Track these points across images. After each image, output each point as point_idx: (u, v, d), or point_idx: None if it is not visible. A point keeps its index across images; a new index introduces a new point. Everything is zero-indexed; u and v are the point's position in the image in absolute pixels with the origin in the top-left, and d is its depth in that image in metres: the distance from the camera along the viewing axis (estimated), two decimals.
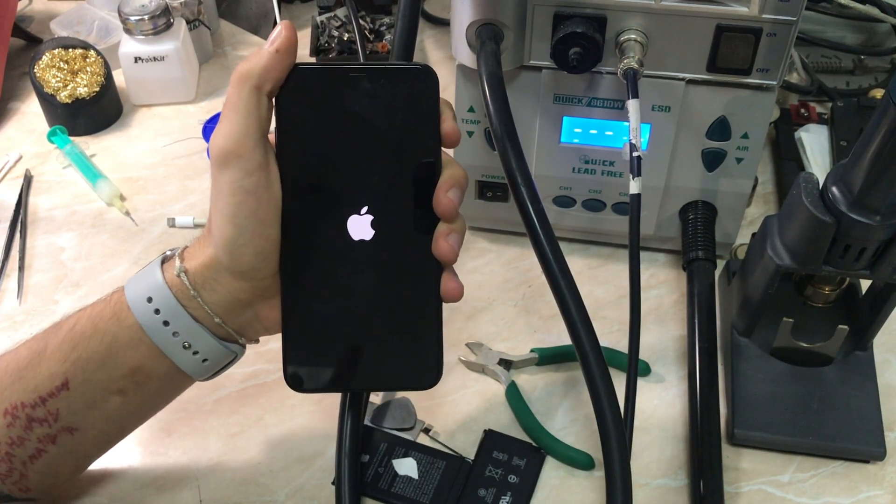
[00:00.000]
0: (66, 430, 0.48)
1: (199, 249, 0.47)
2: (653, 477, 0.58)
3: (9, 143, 0.84)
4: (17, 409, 0.47)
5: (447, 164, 0.46)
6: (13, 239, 0.74)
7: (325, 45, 0.90)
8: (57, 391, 0.47)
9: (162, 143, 0.83)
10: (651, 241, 0.72)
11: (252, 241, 0.45)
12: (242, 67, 0.44)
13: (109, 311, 0.47)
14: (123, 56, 0.83)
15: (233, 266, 0.46)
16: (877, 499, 0.57)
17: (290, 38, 0.44)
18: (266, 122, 0.45)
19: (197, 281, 0.46)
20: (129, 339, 0.47)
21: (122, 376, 0.47)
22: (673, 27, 0.58)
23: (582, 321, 0.49)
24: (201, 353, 0.47)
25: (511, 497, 0.57)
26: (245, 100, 0.43)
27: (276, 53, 0.44)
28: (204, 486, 0.58)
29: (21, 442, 0.48)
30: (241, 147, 0.43)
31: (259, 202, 0.44)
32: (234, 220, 0.44)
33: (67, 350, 0.47)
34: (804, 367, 0.61)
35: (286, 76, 0.45)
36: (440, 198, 0.46)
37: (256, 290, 0.47)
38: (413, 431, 0.60)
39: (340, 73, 0.45)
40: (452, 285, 0.47)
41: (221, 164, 0.44)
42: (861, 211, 0.51)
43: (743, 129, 0.64)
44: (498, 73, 0.55)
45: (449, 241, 0.46)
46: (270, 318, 0.48)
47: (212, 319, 0.47)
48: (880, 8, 0.89)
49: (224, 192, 0.44)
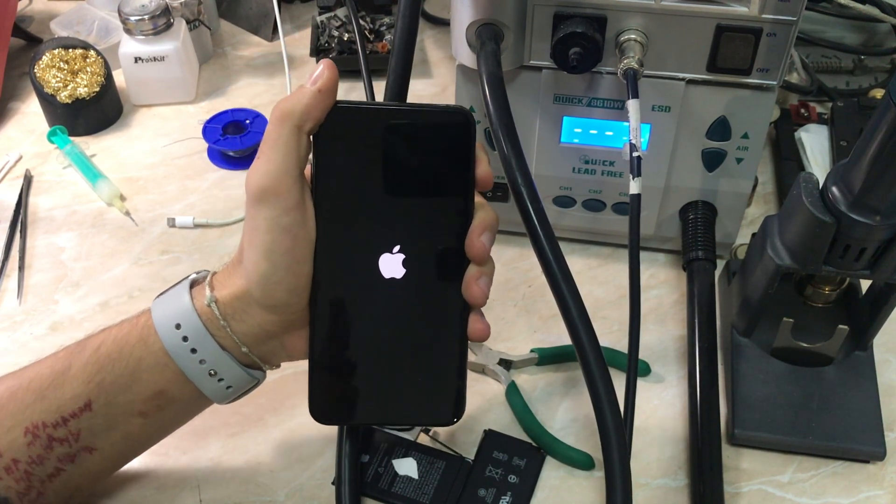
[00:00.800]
0: (85, 449, 0.48)
1: (230, 279, 0.47)
2: (653, 477, 0.58)
3: (9, 143, 0.84)
4: (38, 429, 0.47)
5: (479, 208, 0.47)
6: (13, 239, 0.74)
7: (325, 45, 0.90)
8: (79, 412, 0.47)
9: (162, 143, 0.83)
10: (651, 241, 0.72)
11: (286, 277, 0.45)
12: (284, 106, 0.44)
13: (136, 334, 0.47)
14: (123, 56, 0.83)
15: (264, 301, 0.46)
16: (877, 499, 0.57)
17: (333, 78, 0.44)
18: (304, 160, 0.45)
19: (227, 311, 0.47)
20: (154, 364, 0.47)
21: (144, 399, 0.48)
22: (673, 27, 0.58)
23: (582, 321, 0.49)
24: (226, 381, 0.48)
25: (511, 497, 0.57)
26: (285, 138, 0.43)
27: (319, 94, 0.44)
28: (204, 486, 0.58)
29: (41, 461, 0.48)
30: (279, 185, 0.43)
31: (295, 240, 0.45)
32: (269, 257, 0.44)
33: (92, 372, 0.47)
34: (804, 367, 0.61)
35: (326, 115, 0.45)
36: (473, 242, 0.46)
37: (285, 322, 0.47)
38: (413, 431, 0.60)
39: (380, 114, 0.46)
40: (480, 326, 0.48)
41: (259, 201, 0.44)
42: (861, 211, 0.51)
43: (743, 129, 0.64)
44: (498, 73, 0.55)
45: (480, 285, 0.47)
46: (295, 347, 0.49)
47: (239, 349, 0.47)
48: (880, 8, 0.89)
49: (261, 229, 0.44)
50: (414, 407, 0.50)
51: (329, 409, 0.49)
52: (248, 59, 0.94)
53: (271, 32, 0.95)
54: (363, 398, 0.49)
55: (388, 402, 0.49)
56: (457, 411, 0.49)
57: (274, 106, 0.44)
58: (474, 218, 0.47)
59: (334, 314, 0.47)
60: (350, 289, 0.47)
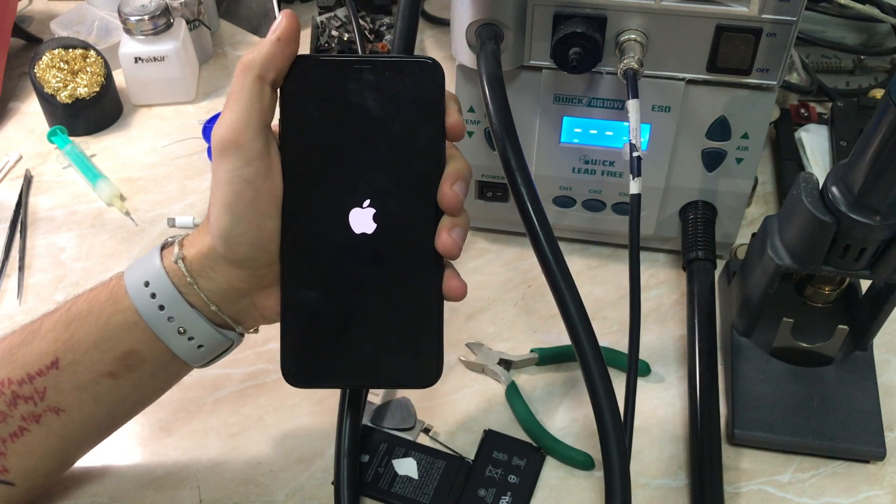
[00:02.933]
0: (51, 409, 0.47)
1: (199, 238, 0.47)
2: (653, 477, 0.58)
3: (9, 143, 0.84)
4: (2, 385, 0.47)
5: (452, 158, 0.46)
6: (13, 239, 0.74)
7: (325, 45, 0.90)
8: (46, 370, 0.47)
9: (162, 143, 0.83)
10: (651, 241, 0.72)
11: (249, 231, 0.45)
12: (245, 57, 0.44)
13: (106, 293, 0.47)
14: (123, 56, 0.83)
15: (229, 255, 0.46)
16: (877, 499, 0.57)
17: (292, 26, 0.44)
18: (268, 112, 0.44)
19: (194, 268, 0.46)
20: (123, 322, 0.47)
21: (114, 359, 0.47)
22: (673, 27, 0.58)
23: (581, 321, 0.49)
24: (196, 339, 0.47)
25: (511, 497, 0.57)
26: (248, 89, 0.43)
27: (278, 42, 0.44)
28: (204, 486, 0.58)
29: (3, 418, 0.47)
30: (240, 136, 0.43)
31: (257, 192, 0.44)
32: (231, 210, 0.44)
33: (60, 329, 0.47)
34: (804, 367, 0.61)
35: (291, 67, 0.44)
36: (445, 191, 0.45)
37: (253, 278, 0.47)
38: (413, 431, 0.60)
39: (345, 65, 0.45)
40: (455, 283, 0.47)
41: (221, 153, 0.44)
42: (861, 211, 0.51)
43: (743, 129, 0.64)
44: (498, 73, 0.55)
45: (452, 236, 0.46)
46: (267, 307, 0.48)
47: (208, 307, 0.47)
48: (880, 8, 0.89)
49: (222, 180, 0.44)
50: (391, 368, 0.48)
51: (302, 372, 0.47)
52: None
53: None
54: (337, 359, 0.47)
55: (363, 364, 0.48)
56: (435, 373, 0.47)
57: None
58: (446, 168, 0.46)
59: (304, 271, 0.46)
60: (320, 245, 0.46)
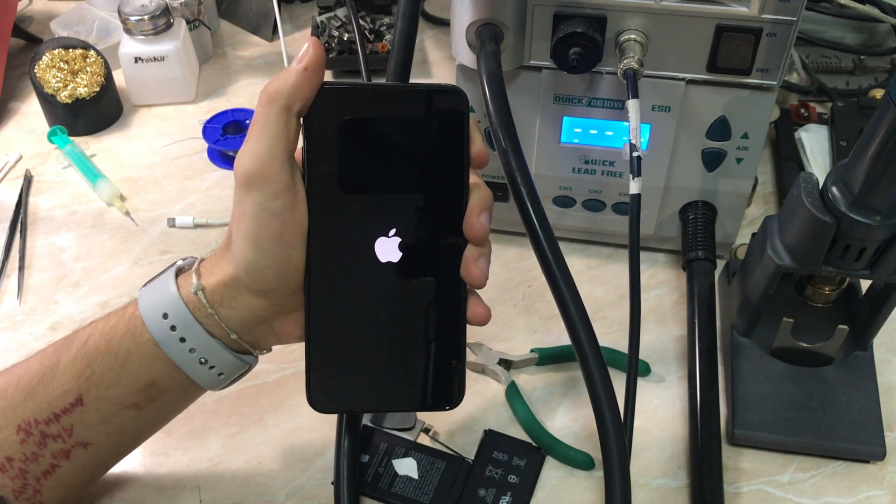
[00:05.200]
0: (80, 444, 0.48)
1: (217, 266, 0.47)
2: (653, 477, 0.58)
3: (9, 143, 0.84)
4: (30, 426, 0.47)
5: (476, 187, 0.46)
6: (13, 239, 0.74)
7: (325, 45, 0.90)
8: (71, 407, 0.47)
9: (162, 143, 0.83)
10: (651, 241, 0.72)
11: (274, 263, 0.44)
12: (271, 87, 0.43)
13: (123, 326, 0.47)
14: (123, 56, 0.83)
15: (252, 286, 0.45)
16: (877, 499, 0.57)
17: (319, 55, 0.43)
18: (294, 142, 0.44)
19: (214, 298, 0.46)
20: (143, 355, 0.46)
21: (136, 391, 0.47)
22: (673, 27, 0.58)
23: (581, 321, 0.49)
24: (217, 368, 0.48)
25: (511, 497, 0.57)
26: (273, 120, 0.43)
27: (305, 72, 0.43)
28: (204, 486, 0.58)
29: (35, 458, 0.47)
30: (267, 168, 0.43)
31: (284, 225, 0.44)
32: (257, 243, 0.44)
33: (81, 367, 0.47)
34: (804, 367, 0.61)
35: (315, 95, 0.44)
36: (472, 222, 0.45)
37: (275, 307, 0.47)
38: (413, 431, 0.60)
39: (370, 93, 0.45)
40: (480, 310, 0.47)
41: (247, 186, 0.43)
42: (861, 211, 0.51)
43: (743, 129, 0.64)
44: (498, 73, 0.55)
45: (479, 266, 0.46)
46: (286, 331, 0.48)
47: (228, 336, 0.47)
48: (880, 8, 0.89)
49: (248, 214, 0.43)
50: (413, 393, 0.49)
51: (327, 398, 0.48)
52: (247, 59, 0.94)
53: (271, 32, 0.95)
54: (361, 385, 0.48)
55: (387, 389, 0.48)
56: (457, 396, 0.48)
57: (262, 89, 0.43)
58: (471, 198, 0.46)
59: (330, 300, 0.46)
60: (346, 274, 0.46)
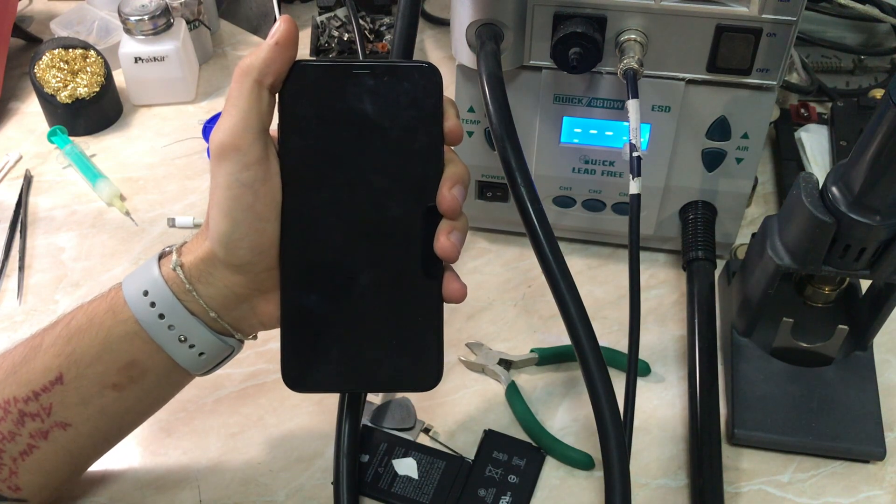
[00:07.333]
0: (58, 425, 0.48)
1: (197, 244, 0.47)
2: (653, 477, 0.58)
3: (9, 143, 0.84)
4: (9, 404, 0.47)
5: (450, 162, 0.46)
6: (13, 239, 0.74)
7: (325, 45, 0.90)
8: (50, 385, 0.47)
9: (162, 143, 0.83)
10: (651, 241, 0.72)
11: (248, 235, 0.45)
12: (244, 62, 0.44)
13: (105, 305, 0.47)
14: (123, 56, 0.83)
15: (228, 260, 0.46)
16: (877, 499, 0.57)
17: (290, 30, 0.44)
18: (267, 116, 0.45)
19: (193, 275, 0.47)
20: (124, 333, 0.47)
21: (117, 371, 0.47)
22: (673, 27, 0.58)
23: (581, 321, 0.49)
24: (197, 347, 0.48)
25: (511, 497, 0.57)
26: (246, 94, 0.44)
27: (276, 46, 0.44)
28: (204, 486, 0.58)
29: (12, 437, 0.47)
30: (239, 140, 0.43)
31: (256, 196, 0.44)
32: (230, 214, 0.44)
33: (62, 344, 0.47)
34: (804, 367, 0.61)
35: (289, 71, 0.45)
36: (444, 194, 0.45)
37: (253, 284, 0.47)
38: (413, 431, 0.60)
39: (344, 70, 0.45)
40: (456, 286, 0.47)
41: (220, 158, 0.44)
42: (861, 211, 0.51)
43: (743, 129, 0.64)
44: (498, 73, 0.55)
45: (451, 239, 0.46)
46: (267, 312, 0.48)
47: (207, 314, 0.47)
48: (880, 8, 0.89)
49: (221, 185, 0.44)
50: (392, 372, 0.48)
51: (303, 377, 0.47)
52: None
53: None
54: (337, 364, 0.47)
55: (364, 368, 0.48)
56: (436, 375, 0.48)
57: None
58: (444, 171, 0.46)
59: (304, 275, 0.46)
60: (319, 249, 0.46)
